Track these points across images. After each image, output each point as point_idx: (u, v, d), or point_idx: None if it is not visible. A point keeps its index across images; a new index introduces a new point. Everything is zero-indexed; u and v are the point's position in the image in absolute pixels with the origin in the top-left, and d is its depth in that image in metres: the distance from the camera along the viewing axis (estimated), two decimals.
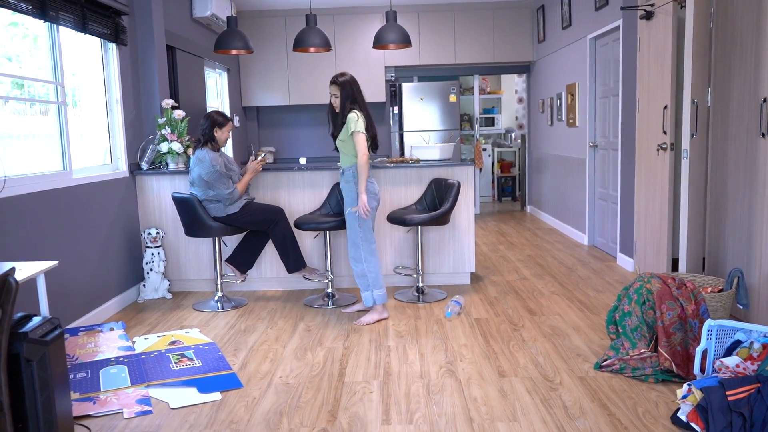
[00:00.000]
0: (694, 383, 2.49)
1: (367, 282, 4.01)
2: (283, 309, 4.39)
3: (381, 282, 4.03)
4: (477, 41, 8.24)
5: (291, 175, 4.84)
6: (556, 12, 7.19)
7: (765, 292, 3.36)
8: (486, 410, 2.73)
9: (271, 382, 3.11)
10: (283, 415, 2.76)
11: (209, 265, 4.88)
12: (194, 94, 6.21)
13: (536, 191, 8.52)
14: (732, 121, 3.68)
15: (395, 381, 3.08)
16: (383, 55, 8.18)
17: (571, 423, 2.60)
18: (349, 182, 3.96)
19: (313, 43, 5.46)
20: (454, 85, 8.23)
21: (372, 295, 4.02)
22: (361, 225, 3.95)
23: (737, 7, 3.58)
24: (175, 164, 4.88)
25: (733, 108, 3.66)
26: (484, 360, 3.32)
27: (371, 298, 4.03)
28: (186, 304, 4.57)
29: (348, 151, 3.96)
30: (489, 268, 5.42)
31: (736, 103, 3.62)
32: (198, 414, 2.79)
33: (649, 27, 4.51)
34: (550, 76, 7.61)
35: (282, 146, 8.79)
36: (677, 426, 2.51)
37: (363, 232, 3.96)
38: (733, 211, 3.70)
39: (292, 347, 3.61)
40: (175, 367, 3.33)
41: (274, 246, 4.56)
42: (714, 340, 2.74)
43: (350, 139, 3.91)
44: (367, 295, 4.04)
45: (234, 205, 4.30)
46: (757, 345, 2.64)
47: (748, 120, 3.50)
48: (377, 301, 4.02)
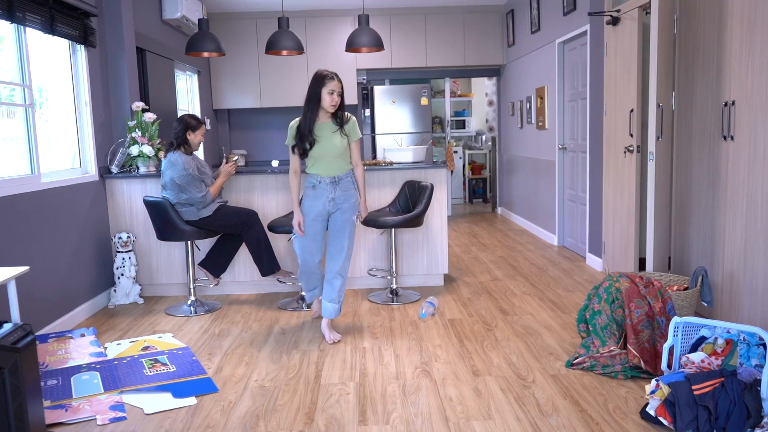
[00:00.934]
0: (661, 379, 2.56)
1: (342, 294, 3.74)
2: (257, 312, 4.38)
3: None
4: (448, 45, 8.32)
5: (264, 178, 4.83)
6: (525, 16, 7.31)
7: (728, 289, 3.47)
8: (461, 409, 2.77)
9: (246, 386, 3.10)
10: (260, 418, 2.75)
11: (182, 269, 4.83)
12: (165, 96, 6.15)
13: (507, 193, 8.63)
14: (695, 124, 3.79)
15: (371, 382, 3.10)
16: (355, 58, 8.20)
17: (545, 420, 2.65)
18: (350, 189, 3.68)
19: (286, 46, 5.46)
20: (426, 88, 8.29)
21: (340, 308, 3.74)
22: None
23: (699, 15, 3.70)
24: (146, 167, 4.82)
25: (696, 111, 3.78)
26: (458, 360, 3.36)
27: (338, 310, 3.74)
28: (158, 309, 4.52)
29: (345, 157, 3.66)
30: (462, 270, 5.48)
31: (700, 107, 3.74)
32: (173, 419, 2.77)
33: (616, 32, 4.63)
34: (520, 79, 7.72)
35: (253, 149, 8.75)
36: (646, 420, 2.59)
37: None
38: (697, 212, 3.81)
39: (267, 350, 3.60)
40: (148, 372, 3.30)
41: (247, 249, 4.54)
42: (680, 337, 2.82)
43: (349, 145, 3.67)
44: (337, 308, 3.72)
45: (207, 208, 4.27)
46: (721, 341, 2.73)
47: (710, 123, 3.62)
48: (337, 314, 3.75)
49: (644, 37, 4.31)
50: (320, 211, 3.66)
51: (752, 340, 2.69)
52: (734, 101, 3.35)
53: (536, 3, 6.80)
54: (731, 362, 2.67)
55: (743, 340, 2.71)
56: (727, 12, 3.41)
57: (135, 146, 4.76)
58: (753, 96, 3.20)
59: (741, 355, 2.69)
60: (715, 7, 3.52)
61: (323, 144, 3.59)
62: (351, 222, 3.67)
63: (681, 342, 2.83)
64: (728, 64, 3.41)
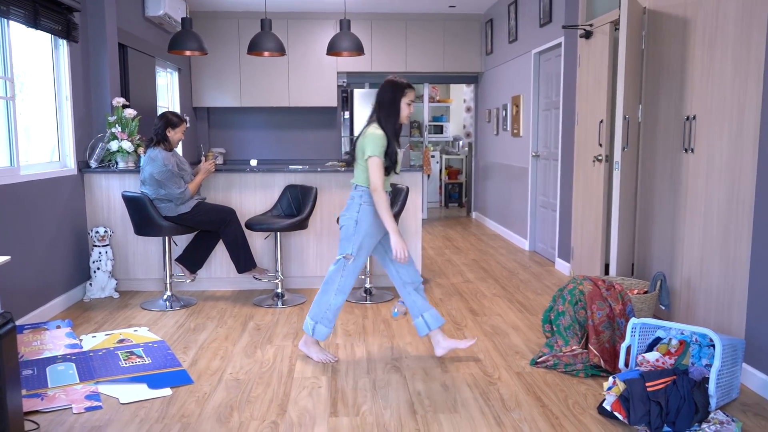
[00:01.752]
0: (618, 376, 2.71)
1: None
2: (232, 308, 4.45)
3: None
4: (428, 51, 8.47)
5: (243, 176, 4.90)
6: (503, 26, 7.48)
7: (685, 294, 3.65)
8: (429, 403, 2.89)
9: (221, 378, 3.18)
10: (234, 409, 2.84)
11: (158, 264, 4.88)
12: (145, 93, 6.18)
13: (482, 198, 8.80)
14: (659, 137, 3.97)
15: (343, 376, 3.20)
16: (336, 61, 8.30)
17: (508, 414, 2.78)
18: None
19: (268, 48, 5.54)
20: None
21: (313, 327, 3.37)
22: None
23: (666, 33, 3.88)
24: (125, 163, 4.86)
25: (660, 124, 3.96)
26: (428, 356, 3.48)
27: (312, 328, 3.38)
28: (134, 303, 4.57)
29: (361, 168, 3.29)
30: (435, 271, 5.60)
31: (664, 120, 3.91)
32: (148, 409, 2.84)
33: (588, 45, 4.80)
34: (496, 87, 7.90)
35: (232, 148, 8.79)
36: (603, 415, 2.73)
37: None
38: (659, 220, 3.99)
39: (242, 345, 3.68)
40: (124, 364, 3.36)
41: (224, 246, 4.61)
42: (637, 337, 2.98)
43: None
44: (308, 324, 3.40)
45: (185, 204, 4.33)
46: (675, 341, 2.89)
47: (673, 136, 3.80)
48: (315, 335, 3.37)
49: (615, 51, 4.49)
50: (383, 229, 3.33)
51: (703, 342, 2.85)
52: (695, 115, 3.53)
53: (514, 14, 6.97)
54: (684, 362, 2.83)
55: (695, 341, 2.87)
56: (690, 31, 3.59)
57: (114, 141, 4.80)
58: (712, 111, 3.38)
59: (693, 355, 2.85)
60: (680, 26, 3.70)
61: None
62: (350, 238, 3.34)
63: (638, 342, 2.99)
64: (690, 80, 3.59)
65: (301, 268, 5.00)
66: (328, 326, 3.36)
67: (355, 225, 3.24)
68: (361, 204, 3.24)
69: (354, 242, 3.25)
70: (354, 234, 3.24)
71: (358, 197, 3.26)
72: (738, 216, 3.14)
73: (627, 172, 4.12)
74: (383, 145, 3.18)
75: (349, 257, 3.26)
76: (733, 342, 2.85)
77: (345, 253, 3.27)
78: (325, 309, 3.33)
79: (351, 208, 3.27)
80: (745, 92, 3.08)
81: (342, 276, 3.30)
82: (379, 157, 3.16)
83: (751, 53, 3.04)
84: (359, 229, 3.24)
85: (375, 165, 3.16)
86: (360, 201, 3.24)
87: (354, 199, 3.28)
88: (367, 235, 3.26)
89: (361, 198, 3.25)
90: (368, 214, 3.23)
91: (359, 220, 3.23)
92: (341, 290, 3.32)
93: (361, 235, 3.24)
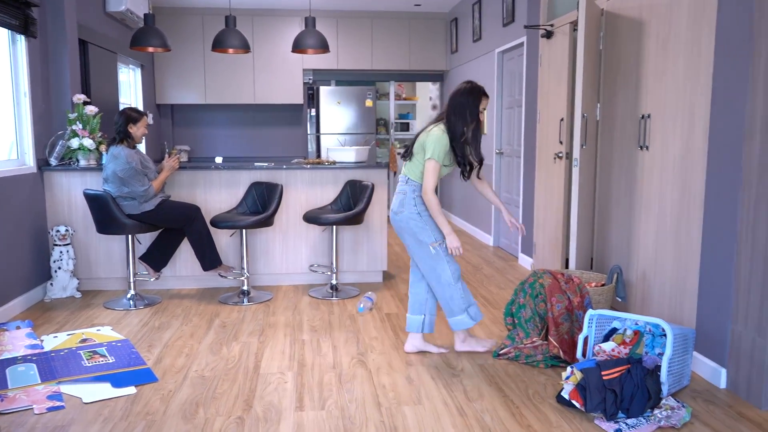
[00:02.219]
0: (575, 365, 2.80)
1: None
2: (198, 306, 4.43)
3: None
4: (393, 49, 8.52)
5: (208, 173, 4.88)
6: (468, 25, 7.58)
7: (641, 286, 3.78)
8: (393, 395, 2.94)
9: (186, 376, 3.18)
10: (199, 405, 2.84)
11: (121, 263, 4.82)
12: (107, 89, 6.09)
13: (447, 194, 8.90)
14: (617, 134, 4.10)
15: (309, 371, 3.23)
16: (302, 58, 8.29)
17: (470, 404, 2.85)
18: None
19: (232, 45, 5.51)
20: (371, 90, 8.46)
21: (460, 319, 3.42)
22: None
23: (622, 34, 4.00)
24: (86, 161, 4.79)
25: (618, 122, 4.08)
26: (393, 351, 3.53)
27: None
28: (97, 303, 4.51)
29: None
30: (401, 267, 5.66)
31: (621, 118, 4.04)
32: (112, 408, 2.83)
33: (549, 45, 4.91)
34: None
35: (197, 145, 8.71)
36: (561, 404, 2.82)
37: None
38: (616, 215, 4.12)
39: (207, 342, 3.68)
40: (87, 363, 3.33)
41: (189, 244, 4.59)
42: (594, 328, 3.08)
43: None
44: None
45: (149, 202, 4.30)
46: (630, 332, 3.00)
47: (629, 133, 3.92)
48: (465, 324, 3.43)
49: (574, 51, 4.60)
50: None
51: (656, 331, 2.97)
52: (650, 114, 3.66)
53: (478, 13, 7.07)
54: (638, 351, 2.94)
55: (649, 331, 2.99)
56: (645, 33, 3.71)
57: (75, 139, 4.72)
58: (665, 110, 3.50)
59: (646, 344, 2.96)
60: (635, 28, 3.83)
61: None
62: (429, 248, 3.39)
63: (595, 333, 3.09)
64: (645, 80, 3.72)
65: (267, 266, 5.00)
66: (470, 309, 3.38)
67: (419, 217, 3.27)
68: (415, 198, 3.27)
69: (430, 229, 3.27)
70: (425, 224, 3.27)
71: (411, 191, 3.28)
72: (689, 211, 3.27)
73: (586, 168, 4.24)
74: (445, 149, 3.20)
75: (441, 241, 3.28)
76: (684, 332, 2.97)
77: (431, 242, 3.27)
78: (449, 299, 3.34)
79: (407, 204, 3.28)
80: (696, 93, 3.21)
81: (447, 262, 3.31)
82: (437, 162, 3.19)
83: (701, 56, 3.17)
84: (426, 218, 3.27)
85: (432, 168, 3.19)
86: (413, 195, 3.28)
87: (407, 193, 3.29)
88: (432, 222, 3.29)
89: (414, 192, 3.28)
90: (424, 205, 3.28)
91: (421, 212, 3.27)
92: (455, 275, 3.33)
93: (430, 222, 3.28)
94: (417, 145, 3.29)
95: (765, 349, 2.75)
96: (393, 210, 3.34)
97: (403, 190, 3.31)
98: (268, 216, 4.46)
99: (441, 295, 3.37)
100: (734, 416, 2.73)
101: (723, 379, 3.03)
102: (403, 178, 3.34)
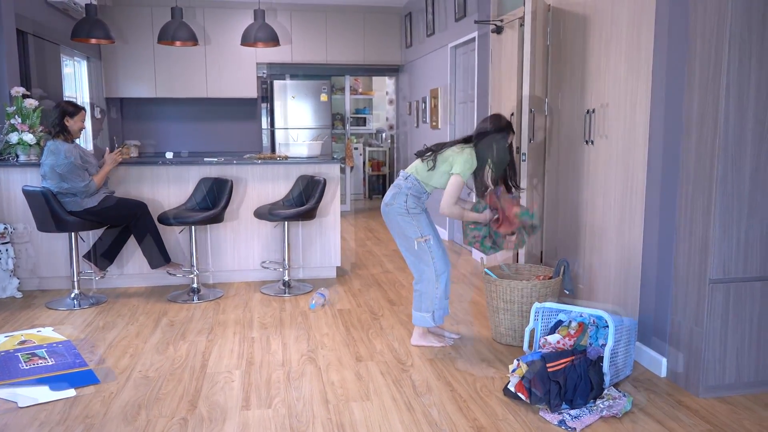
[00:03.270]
0: (521, 358, 2.83)
1: None
2: (145, 305, 4.32)
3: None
4: (348, 42, 8.47)
5: (155, 169, 4.76)
6: (421, 20, 7.59)
7: (587, 278, 3.85)
8: (342, 392, 2.93)
9: (129, 377, 3.10)
10: (142, 407, 2.77)
11: (65, 262, 4.67)
12: (49, 82, 5.87)
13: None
14: (564, 129, 4.16)
15: (257, 370, 3.19)
16: (255, 51, 8.17)
17: (418, 399, 2.86)
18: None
19: (179, 37, 5.39)
20: (326, 84, 8.40)
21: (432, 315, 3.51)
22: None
23: (568, 30, 4.05)
24: (26, 156, 4.62)
25: (564, 117, 4.14)
26: (343, 347, 3.52)
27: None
28: (38, 303, 4.36)
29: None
30: (355, 263, 5.65)
31: (568, 113, 4.10)
32: (50, 411, 2.73)
33: (500, 40, 4.95)
34: (416, 80, 8.01)
35: (148, 140, 8.49)
36: (507, 396, 2.85)
37: None
38: (564, 210, 4.18)
39: (153, 342, 3.59)
40: (25, 366, 3.21)
41: (136, 241, 4.47)
42: (540, 321, 3.12)
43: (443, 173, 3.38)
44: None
45: (91, 198, 4.16)
46: (575, 323, 3.05)
47: (576, 128, 3.99)
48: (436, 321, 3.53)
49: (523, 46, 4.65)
50: None
51: (600, 323, 3.03)
52: (594, 109, 3.72)
53: (431, 8, 7.08)
54: (582, 342, 2.99)
55: (593, 323, 3.05)
56: (589, 29, 3.77)
57: (14, 133, 4.54)
58: (609, 105, 3.57)
59: (590, 336, 3.02)
60: (580, 24, 3.88)
61: None
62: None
63: (541, 325, 3.13)
64: (590, 76, 3.78)
65: (217, 262, 4.92)
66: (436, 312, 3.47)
67: (407, 213, 3.35)
68: (408, 195, 3.36)
69: (416, 225, 3.36)
70: (411, 219, 3.36)
71: (406, 188, 3.38)
72: (632, 204, 3.35)
73: (534, 163, 4.29)
74: (471, 171, 3.36)
75: (427, 237, 3.37)
76: (627, 322, 3.04)
77: (416, 237, 3.36)
78: (423, 294, 3.44)
79: (398, 198, 3.37)
80: (637, 89, 3.28)
81: (432, 259, 3.39)
82: (463, 180, 3.32)
83: (641, 53, 3.23)
84: (414, 215, 3.36)
85: (457, 184, 3.32)
86: (407, 192, 3.37)
87: (401, 188, 3.38)
88: (423, 220, 3.40)
89: (409, 190, 3.37)
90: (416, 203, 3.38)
91: (410, 209, 3.36)
92: (438, 272, 3.41)
93: (418, 219, 3.37)
94: (442, 157, 3.37)
95: (702, 339, 2.84)
96: (384, 201, 3.43)
97: (399, 185, 3.41)
98: (217, 212, 4.38)
99: (418, 287, 3.48)
100: (673, 404, 2.81)
101: (664, 368, 3.11)
102: (404, 174, 3.44)
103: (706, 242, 2.80)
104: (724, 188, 2.76)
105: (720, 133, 2.72)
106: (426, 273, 3.43)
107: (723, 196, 2.76)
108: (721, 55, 2.69)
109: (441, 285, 3.44)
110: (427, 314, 3.47)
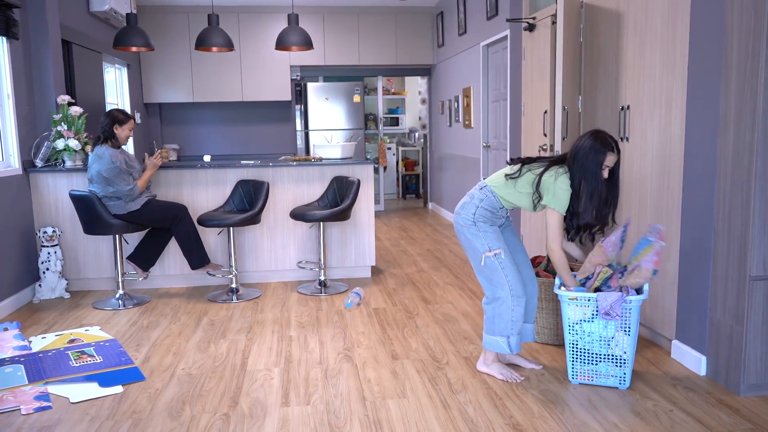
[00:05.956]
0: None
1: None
2: (186, 305, 4.45)
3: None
4: (380, 44, 8.53)
5: (194, 172, 4.89)
6: (453, 19, 7.59)
7: None
8: (378, 389, 2.98)
9: (173, 374, 3.20)
10: (186, 403, 2.87)
11: (110, 263, 4.84)
12: (92, 90, 6.08)
13: (437, 189, 8.93)
14: (598, 126, 4.12)
15: (295, 368, 3.26)
16: (288, 55, 8.29)
17: (454, 396, 2.89)
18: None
19: (216, 43, 5.51)
20: (359, 85, 8.47)
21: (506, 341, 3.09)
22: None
23: (602, 27, 4.03)
24: (72, 162, 4.79)
25: (599, 114, 4.11)
26: (379, 345, 3.57)
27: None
28: (85, 303, 4.52)
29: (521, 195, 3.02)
30: (390, 262, 5.70)
31: (602, 110, 4.07)
32: (99, 407, 2.85)
33: (532, 38, 4.94)
34: (448, 79, 8.01)
35: (186, 144, 8.70)
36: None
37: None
38: None
39: (195, 341, 3.70)
40: (75, 363, 3.35)
41: (177, 243, 4.60)
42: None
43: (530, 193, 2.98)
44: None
45: (135, 202, 4.31)
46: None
47: (610, 125, 3.96)
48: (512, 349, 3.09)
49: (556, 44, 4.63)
50: None
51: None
52: (629, 106, 3.69)
53: (463, 7, 7.09)
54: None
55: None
56: (623, 25, 3.74)
57: (61, 140, 4.72)
58: (643, 102, 3.53)
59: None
60: (614, 20, 3.85)
61: None
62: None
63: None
64: (624, 72, 3.75)
65: (255, 263, 5.03)
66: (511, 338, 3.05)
67: (473, 225, 3.01)
68: (478, 207, 3.02)
69: (484, 238, 3.00)
70: (478, 231, 3.01)
71: (478, 199, 3.03)
72: (668, 200, 3.31)
73: None
74: (567, 203, 2.89)
75: (497, 251, 2.97)
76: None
77: (484, 252, 2.98)
78: (496, 316, 3.04)
79: (467, 209, 3.04)
80: (673, 85, 3.24)
81: (505, 275, 2.99)
82: (561, 214, 2.91)
83: (677, 48, 3.20)
84: (481, 227, 3.01)
85: (556, 220, 2.90)
86: (478, 203, 3.02)
87: (473, 198, 3.05)
88: (494, 233, 3.03)
89: (481, 201, 3.02)
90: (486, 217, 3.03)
91: (476, 221, 3.01)
92: (514, 293, 3.00)
93: (486, 230, 3.01)
94: (536, 184, 2.94)
95: (742, 337, 2.80)
96: (456, 210, 3.12)
97: (472, 194, 3.08)
98: (254, 214, 4.48)
99: (488, 309, 3.09)
100: (713, 403, 2.77)
101: (703, 366, 3.07)
102: (481, 184, 3.08)
103: (746, 239, 2.76)
104: (763, 184, 2.71)
105: (758, 128, 2.68)
106: (500, 291, 3.01)
107: (762, 191, 2.72)
108: (758, 50, 2.65)
109: (518, 308, 3.02)
110: (501, 339, 3.04)
